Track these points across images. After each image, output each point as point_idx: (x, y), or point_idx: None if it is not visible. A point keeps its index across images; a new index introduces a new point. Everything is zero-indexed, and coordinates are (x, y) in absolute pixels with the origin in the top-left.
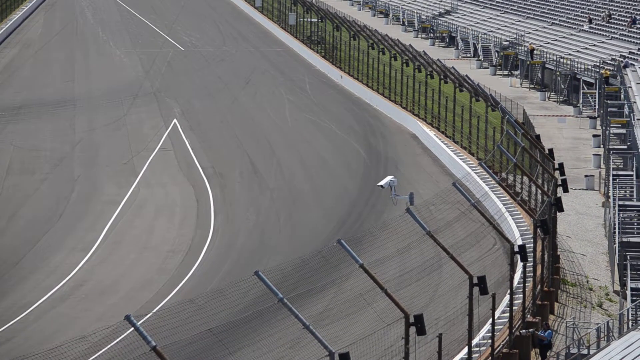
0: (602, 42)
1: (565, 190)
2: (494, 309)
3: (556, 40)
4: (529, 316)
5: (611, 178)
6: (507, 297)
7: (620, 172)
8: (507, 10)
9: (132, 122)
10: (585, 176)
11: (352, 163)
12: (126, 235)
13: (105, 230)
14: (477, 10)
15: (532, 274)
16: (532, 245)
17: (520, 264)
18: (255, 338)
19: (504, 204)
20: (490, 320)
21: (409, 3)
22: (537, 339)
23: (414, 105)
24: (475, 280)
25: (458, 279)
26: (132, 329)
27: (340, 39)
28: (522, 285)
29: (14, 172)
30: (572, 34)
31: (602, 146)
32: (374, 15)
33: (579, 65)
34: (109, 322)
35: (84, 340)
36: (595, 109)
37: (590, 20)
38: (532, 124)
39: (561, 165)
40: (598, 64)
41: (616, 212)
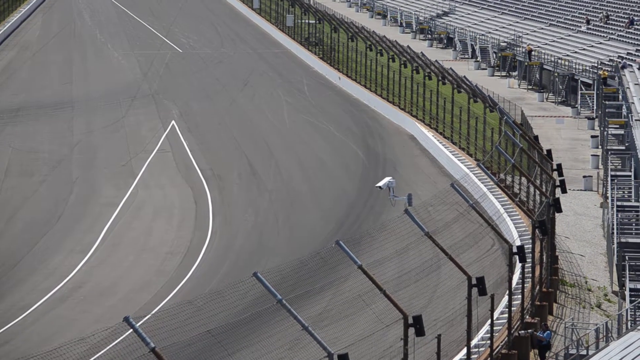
0: (600, 43)
1: (564, 191)
2: (492, 310)
3: (554, 41)
4: (527, 317)
5: (609, 179)
6: (506, 297)
7: (618, 173)
8: (505, 12)
9: (130, 124)
10: (584, 177)
11: (351, 164)
12: (124, 237)
13: (104, 232)
14: (475, 11)
15: (530, 274)
16: (531, 246)
17: (518, 265)
18: (254, 339)
19: (502, 205)
20: (489, 321)
21: (407, 4)
22: (536, 339)
23: (412, 107)
24: (474, 281)
25: (457, 280)
26: (131, 330)
27: (338, 40)
28: (520, 286)
29: (12, 174)
30: (570, 35)
31: (600, 147)
32: (372, 17)
33: (577, 66)
34: (107, 324)
35: (82, 342)
36: (593, 109)
37: (588, 21)
38: (530, 125)
39: (559, 166)
40: (596, 64)
41: (614, 213)
